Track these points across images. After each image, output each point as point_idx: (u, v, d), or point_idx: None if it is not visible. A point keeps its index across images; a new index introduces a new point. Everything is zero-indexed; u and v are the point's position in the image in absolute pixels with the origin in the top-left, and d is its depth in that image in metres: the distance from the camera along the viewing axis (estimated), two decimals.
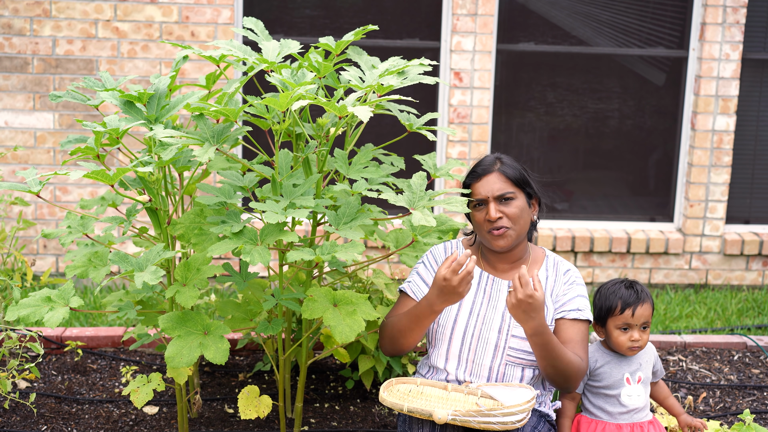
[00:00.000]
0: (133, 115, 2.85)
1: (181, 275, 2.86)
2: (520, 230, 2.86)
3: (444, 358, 2.87)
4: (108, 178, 2.65)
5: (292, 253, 2.73)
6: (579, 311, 2.86)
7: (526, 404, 2.63)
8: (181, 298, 2.79)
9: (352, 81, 2.89)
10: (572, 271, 2.94)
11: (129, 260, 2.75)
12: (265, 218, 2.66)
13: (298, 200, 2.79)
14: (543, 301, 2.62)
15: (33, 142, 5.17)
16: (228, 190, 2.89)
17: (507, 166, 2.88)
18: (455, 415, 2.55)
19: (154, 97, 2.88)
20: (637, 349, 2.98)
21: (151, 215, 2.95)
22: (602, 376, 2.99)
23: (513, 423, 2.59)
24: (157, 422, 3.52)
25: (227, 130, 2.82)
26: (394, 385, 2.80)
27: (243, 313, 3.14)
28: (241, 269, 3.09)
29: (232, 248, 2.72)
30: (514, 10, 5.37)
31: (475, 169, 2.89)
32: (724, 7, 5.28)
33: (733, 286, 5.58)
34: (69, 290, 2.87)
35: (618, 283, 3.01)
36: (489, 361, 2.82)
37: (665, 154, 5.62)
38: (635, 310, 2.94)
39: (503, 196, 2.83)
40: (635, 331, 2.96)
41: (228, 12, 5.10)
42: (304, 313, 2.82)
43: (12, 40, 5.08)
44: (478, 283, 2.91)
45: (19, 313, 2.81)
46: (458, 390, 2.79)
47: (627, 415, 2.98)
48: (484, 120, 5.31)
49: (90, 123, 2.84)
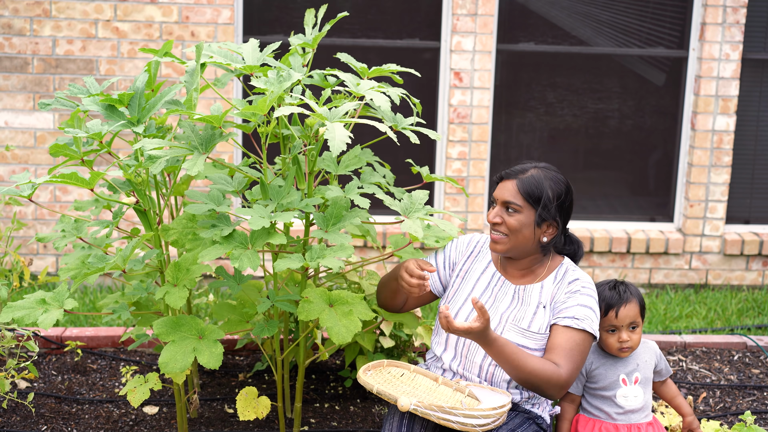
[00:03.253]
0: (115, 118, 2.84)
1: (172, 276, 2.87)
2: (517, 243, 2.82)
3: (442, 346, 2.91)
4: (85, 183, 2.67)
5: (279, 263, 2.73)
6: (575, 320, 2.77)
7: (491, 410, 2.61)
8: (170, 298, 2.80)
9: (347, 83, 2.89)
10: (580, 281, 2.86)
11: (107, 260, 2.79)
12: (250, 224, 2.66)
13: (285, 201, 2.80)
14: (469, 334, 2.63)
15: (33, 142, 5.17)
16: (217, 196, 2.87)
17: (529, 179, 2.82)
18: (417, 406, 2.56)
19: (135, 98, 2.86)
20: (628, 350, 2.97)
21: (141, 217, 2.95)
22: (598, 377, 2.99)
23: (473, 426, 2.59)
24: (157, 422, 3.52)
25: (215, 137, 2.81)
26: (385, 367, 2.84)
27: (239, 315, 3.14)
28: (235, 272, 3.09)
29: (222, 254, 2.72)
30: (514, 10, 5.37)
31: (507, 169, 2.90)
32: (724, 7, 5.28)
33: (733, 286, 5.58)
34: (63, 292, 2.88)
35: (603, 285, 3.01)
36: (480, 359, 2.83)
37: (665, 154, 5.62)
38: (618, 311, 2.94)
39: (508, 204, 2.81)
40: (623, 332, 2.95)
41: (228, 12, 5.10)
42: (300, 314, 2.82)
43: (12, 40, 5.08)
44: (488, 282, 2.93)
45: (14, 315, 2.82)
46: (448, 384, 2.81)
47: (624, 416, 2.98)
48: (484, 120, 5.31)
49: (71, 129, 2.85)
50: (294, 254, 2.80)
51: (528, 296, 2.86)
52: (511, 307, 2.86)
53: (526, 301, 2.85)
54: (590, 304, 2.82)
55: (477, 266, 2.97)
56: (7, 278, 3.72)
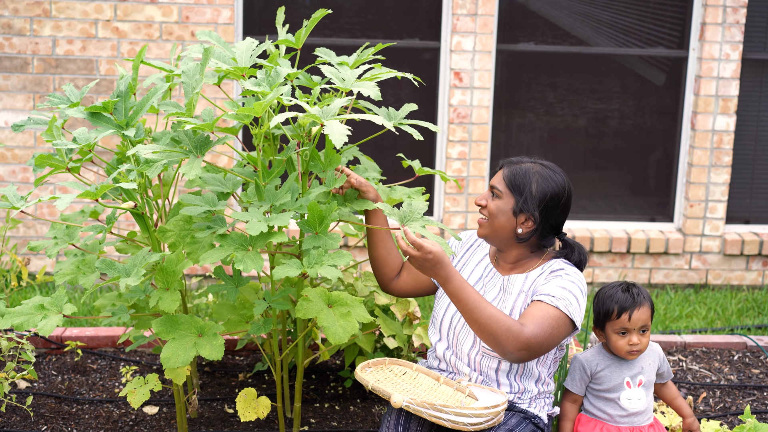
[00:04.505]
0: (103, 124, 2.81)
1: (162, 280, 2.86)
2: (494, 229, 2.86)
3: (437, 335, 2.96)
4: (92, 195, 2.66)
5: (278, 270, 2.73)
6: (550, 296, 2.75)
7: (484, 409, 2.60)
8: (164, 304, 2.79)
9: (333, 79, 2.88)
10: (565, 269, 2.84)
11: (116, 267, 2.77)
12: (248, 230, 2.65)
13: (278, 202, 2.80)
14: (427, 255, 2.66)
15: (33, 142, 5.17)
16: (211, 198, 2.87)
17: (518, 169, 2.87)
18: (410, 403, 2.56)
19: (120, 103, 2.83)
20: (637, 353, 2.97)
21: (139, 220, 2.94)
22: (603, 379, 2.99)
23: (464, 424, 2.59)
24: (157, 422, 3.52)
25: (208, 140, 2.80)
26: (387, 365, 2.84)
27: (238, 316, 3.14)
28: (234, 273, 3.08)
29: (224, 256, 2.72)
30: (514, 10, 5.37)
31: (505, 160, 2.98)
32: (724, 7, 5.28)
33: (733, 286, 5.58)
34: (62, 297, 2.87)
35: (615, 287, 2.99)
36: (468, 349, 2.85)
37: (665, 154, 5.62)
38: (632, 314, 2.93)
39: (493, 189, 2.90)
40: (634, 335, 2.94)
41: (228, 12, 5.10)
42: (298, 312, 2.82)
43: (12, 40, 5.08)
44: (481, 274, 2.97)
45: (13, 322, 2.81)
46: (449, 384, 2.81)
47: (627, 419, 2.98)
48: (484, 120, 5.31)
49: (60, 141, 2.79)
50: (291, 260, 2.79)
51: (511, 286, 2.88)
52: (497, 298, 2.89)
53: (509, 290, 2.87)
54: (571, 289, 2.79)
55: (474, 258, 3.03)
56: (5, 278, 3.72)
